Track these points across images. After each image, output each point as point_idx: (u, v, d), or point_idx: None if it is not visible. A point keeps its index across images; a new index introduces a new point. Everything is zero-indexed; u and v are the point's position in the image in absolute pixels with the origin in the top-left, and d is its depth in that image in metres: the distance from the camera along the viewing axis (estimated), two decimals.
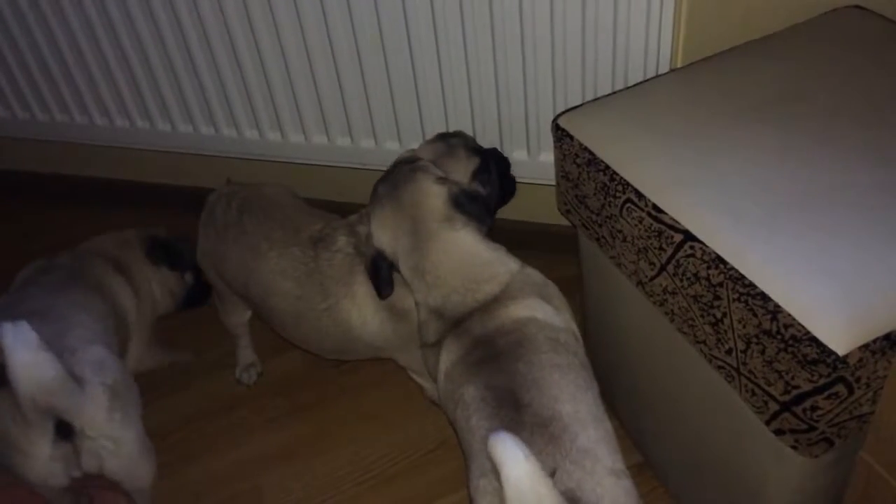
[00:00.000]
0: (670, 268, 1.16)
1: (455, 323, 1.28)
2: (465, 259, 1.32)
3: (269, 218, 1.64)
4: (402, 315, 1.48)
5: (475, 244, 1.34)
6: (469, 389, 1.20)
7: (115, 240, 1.90)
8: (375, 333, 1.53)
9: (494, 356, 1.21)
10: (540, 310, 1.27)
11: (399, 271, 1.38)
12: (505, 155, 1.70)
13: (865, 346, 0.96)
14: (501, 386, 1.17)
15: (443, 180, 1.40)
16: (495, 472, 0.99)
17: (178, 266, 1.93)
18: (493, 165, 1.56)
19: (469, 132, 1.83)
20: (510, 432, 0.94)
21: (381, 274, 1.39)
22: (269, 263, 1.58)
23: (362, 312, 1.51)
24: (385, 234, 1.38)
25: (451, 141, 1.55)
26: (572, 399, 1.15)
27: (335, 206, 1.75)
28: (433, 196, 1.37)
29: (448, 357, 1.27)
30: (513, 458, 0.91)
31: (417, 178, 1.40)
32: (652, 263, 1.21)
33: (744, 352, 1.07)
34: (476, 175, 1.50)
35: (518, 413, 1.13)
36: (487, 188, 1.54)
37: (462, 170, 1.50)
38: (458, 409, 1.22)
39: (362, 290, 1.50)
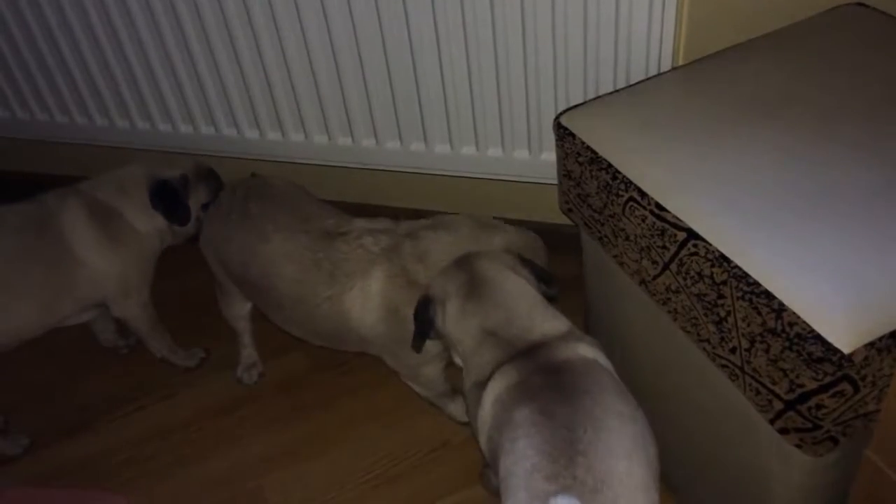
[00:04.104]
0: (673, 266, 1.16)
1: (518, 353, 1.22)
2: (525, 294, 1.28)
3: (276, 204, 1.66)
4: (401, 319, 1.50)
5: (532, 291, 1.30)
6: (522, 411, 1.12)
7: (118, 183, 1.84)
8: (369, 328, 1.55)
9: (557, 385, 1.15)
10: (603, 359, 1.23)
11: (439, 325, 1.34)
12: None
13: (871, 344, 0.95)
14: (559, 416, 1.09)
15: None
16: None
17: (175, 221, 1.84)
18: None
19: (470, 131, 1.83)
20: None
21: (422, 321, 1.36)
22: (272, 245, 1.60)
23: (365, 307, 1.53)
24: (441, 279, 1.35)
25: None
26: (628, 456, 1.07)
27: (336, 206, 1.74)
28: (503, 254, 1.37)
29: (503, 382, 1.19)
30: None
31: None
32: (655, 262, 1.20)
33: (748, 350, 1.06)
34: None
35: (570, 461, 1.05)
36: None
37: None
38: (503, 432, 1.13)
39: (375, 286, 1.51)
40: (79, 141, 2.24)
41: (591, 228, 1.38)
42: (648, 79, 1.44)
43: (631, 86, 1.43)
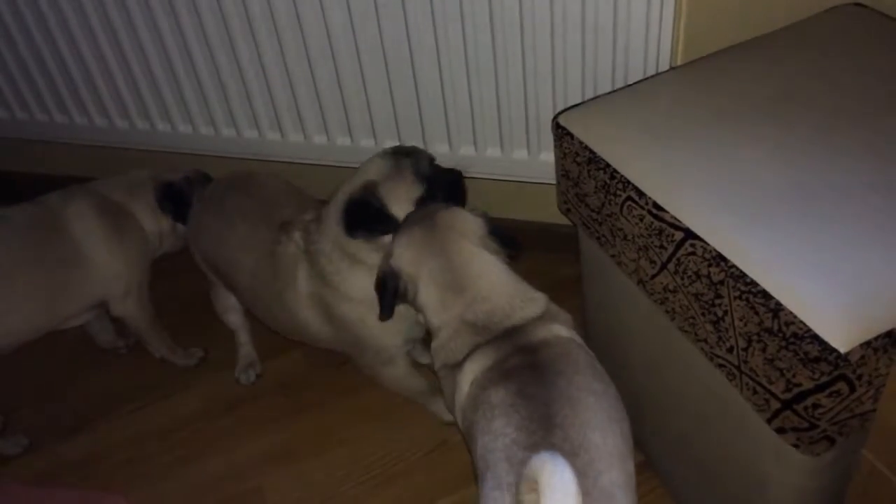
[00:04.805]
0: (671, 266, 1.16)
1: (495, 336, 1.23)
2: (504, 280, 1.29)
3: (249, 196, 1.68)
4: (339, 322, 1.50)
5: (507, 270, 1.31)
6: (499, 392, 1.15)
7: (127, 184, 1.90)
8: (318, 329, 1.57)
9: (533, 366, 1.17)
10: (577, 337, 1.26)
11: (409, 298, 1.33)
12: (459, 172, 1.55)
13: (867, 344, 0.95)
14: (536, 396, 1.12)
15: (478, 212, 1.38)
16: (513, 488, 0.97)
17: (182, 221, 1.89)
18: (441, 192, 1.48)
19: (468, 131, 1.83)
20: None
21: (386, 295, 1.34)
22: (237, 237, 1.62)
23: (301, 307, 1.55)
24: (408, 254, 1.32)
25: (402, 162, 1.48)
26: (602, 429, 1.10)
27: None
28: (471, 221, 1.34)
29: (481, 363, 1.21)
30: (562, 487, 0.88)
31: (454, 209, 1.37)
32: (653, 262, 1.20)
33: (745, 350, 1.06)
34: (418, 203, 1.44)
35: (548, 433, 1.08)
36: None
37: (404, 195, 1.44)
38: (479, 411, 1.16)
39: (301, 284, 1.53)
40: (78, 141, 2.24)
41: (589, 228, 1.38)
42: (646, 79, 1.44)
43: (629, 86, 1.43)
